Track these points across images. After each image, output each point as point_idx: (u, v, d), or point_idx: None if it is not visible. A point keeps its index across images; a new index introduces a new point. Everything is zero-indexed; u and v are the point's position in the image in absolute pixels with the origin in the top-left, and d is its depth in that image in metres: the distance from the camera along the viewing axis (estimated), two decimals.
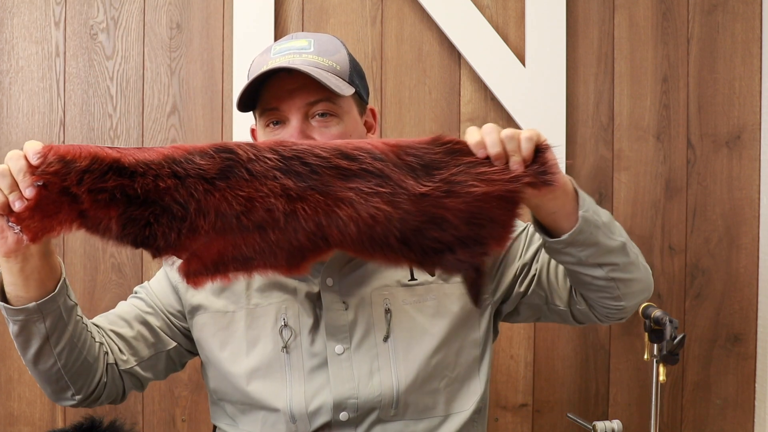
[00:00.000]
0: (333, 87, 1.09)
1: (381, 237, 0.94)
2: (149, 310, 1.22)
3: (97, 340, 1.12)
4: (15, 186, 0.90)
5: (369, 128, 1.23)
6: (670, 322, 1.43)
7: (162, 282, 1.24)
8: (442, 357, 1.17)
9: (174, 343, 1.23)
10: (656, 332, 1.47)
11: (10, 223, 0.92)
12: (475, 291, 1.04)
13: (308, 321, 1.16)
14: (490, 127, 0.96)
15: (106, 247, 1.81)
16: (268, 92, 1.12)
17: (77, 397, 1.11)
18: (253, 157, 0.92)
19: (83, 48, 1.82)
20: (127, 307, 1.23)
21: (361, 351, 1.15)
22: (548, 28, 1.83)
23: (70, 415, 1.81)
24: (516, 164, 0.95)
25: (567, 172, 1.85)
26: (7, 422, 1.81)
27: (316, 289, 1.17)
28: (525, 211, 1.30)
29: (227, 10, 1.82)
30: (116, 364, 1.16)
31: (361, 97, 1.19)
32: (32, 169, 0.90)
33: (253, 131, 1.23)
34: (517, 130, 0.96)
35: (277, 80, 1.11)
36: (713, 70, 1.88)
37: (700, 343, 1.89)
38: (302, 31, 1.82)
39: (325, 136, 1.11)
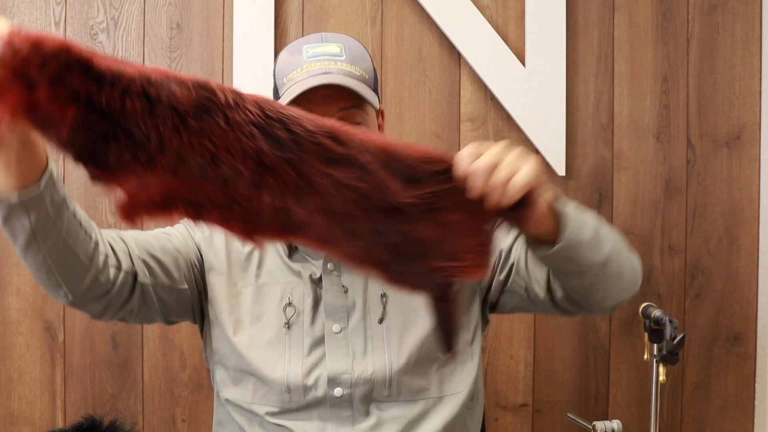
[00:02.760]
0: (370, 100, 1.15)
1: (350, 226, 0.88)
2: (180, 248, 1.22)
3: (93, 239, 1.05)
4: None
5: (378, 128, 1.28)
6: (670, 322, 1.43)
7: (185, 236, 1.24)
8: (435, 340, 1.19)
9: (186, 286, 1.21)
10: (656, 332, 1.48)
11: None
12: (444, 325, 0.97)
13: (310, 301, 1.20)
14: (484, 163, 0.88)
15: None
16: (301, 95, 1.14)
17: (70, 296, 1.06)
18: (233, 104, 0.82)
19: None
20: (157, 236, 1.21)
21: (357, 331, 1.19)
22: (548, 28, 1.83)
23: (70, 415, 1.81)
24: (493, 208, 0.89)
25: (564, 179, 1.85)
26: (7, 422, 1.81)
27: (318, 273, 1.21)
28: None
29: (227, 10, 1.82)
30: (134, 275, 1.13)
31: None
32: None
33: None
34: (515, 168, 0.88)
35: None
36: (713, 70, 1.88)
37: (700, 343, 1.89)
38: (302, 31, 1.83)
39: None
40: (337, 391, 1.17)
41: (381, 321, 1.20)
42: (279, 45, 1.81)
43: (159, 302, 1.18)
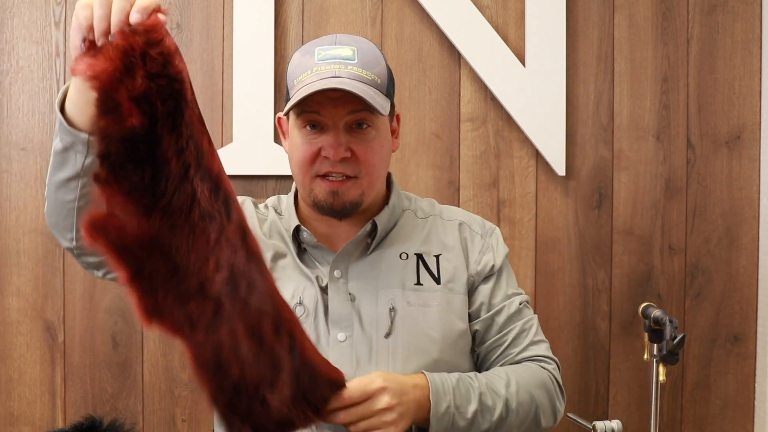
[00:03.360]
0: (378, 107, 1.14)
1: (225, 367, 0.96)
2: None
3: None
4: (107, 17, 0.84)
5: (392, 132, 1.27)
6: (670, 322, 1.43)
7: None
8: (438, 362, 1.19)
9: None
10: (656, 332, 1.47)
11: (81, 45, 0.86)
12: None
13: (320, 307, 1.19)
14: (351, 413, 1.06)
15: None
16: (310, 96, 1.14)
17: (74, 243, 1.09)
18: (239, 233, 0.91)
19: None
20: None
21: (362, 342, 1.18)
22: (548, 28, 1.83)
23: (70, 415, 1.81)
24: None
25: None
26: (7, 422, 1.81)
27: (324, 280, 1.20)
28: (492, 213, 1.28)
29: (227, 10, 1.81)
30: None
31: (392, 105, 1.23)
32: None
33: (279, 120, 1.28)
34: (375, 426, 1.07)
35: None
36: (713, 70, 1.88)
37: (700, 343, 1.89)
38: (302, 31, 1.83)
39: (363, 147, 1.17)
40: None
41: (387, 336, 1.18)
42: (279, 45, 1.81)
43: None
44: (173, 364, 1.82)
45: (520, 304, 1.28)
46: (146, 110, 0.82)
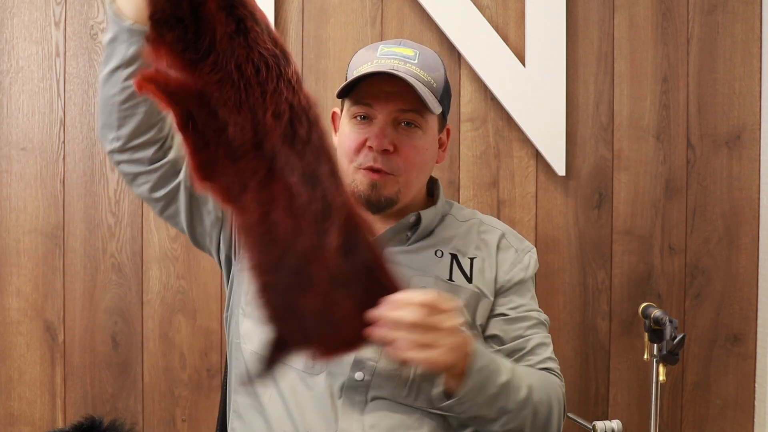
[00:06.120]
0: (428, 103, 1.16)
1: (274, 231, 0.91)
2: None
3: (164, 116, 1.13)
4: None
5: (441, 145, 1.30)
6: (670, 322, 1.44)
7: None
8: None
9: (220, 215, 1.24)
10: (656, 332, 1.48)
11: None
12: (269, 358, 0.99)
13: None
14: (407, 321, 0.95)
15: (106, 247, 1.81)
16: (366, 88, 1.18)
17: (116, 144, 1.14)
18: (292, 81, 0.90)
19: (83, 48, 1.82)
20: None
21: None
22: (548, 28, 1.83)
23: (70, 415, 1.81)
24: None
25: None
26: (7, 422, 1.81)
27: None
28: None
29: None
30: (177, 170, 1.19)
31: (443, 117, 1.26)
32: None
33: (333, 114, 1.31)
34: (431, 344, 0.97)
35: (378, 80, 1.17)
36: (713, 70, 1.88)
37: (700, 343, 1.90)
38: (302, 31, 1.83)
39: (407, 144, 1.19)
40: (359, 375, 1.15)
41: None
42: None
43: (188, 210, 1.22)
44: (173, 364, 1.82)
45: (543, 321, 1.28)
46: None
